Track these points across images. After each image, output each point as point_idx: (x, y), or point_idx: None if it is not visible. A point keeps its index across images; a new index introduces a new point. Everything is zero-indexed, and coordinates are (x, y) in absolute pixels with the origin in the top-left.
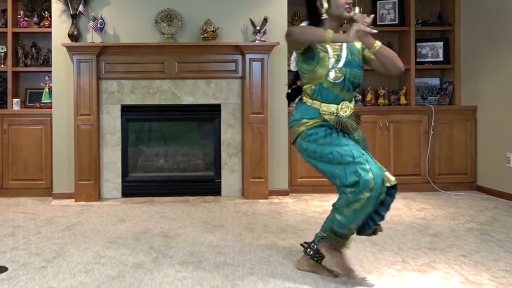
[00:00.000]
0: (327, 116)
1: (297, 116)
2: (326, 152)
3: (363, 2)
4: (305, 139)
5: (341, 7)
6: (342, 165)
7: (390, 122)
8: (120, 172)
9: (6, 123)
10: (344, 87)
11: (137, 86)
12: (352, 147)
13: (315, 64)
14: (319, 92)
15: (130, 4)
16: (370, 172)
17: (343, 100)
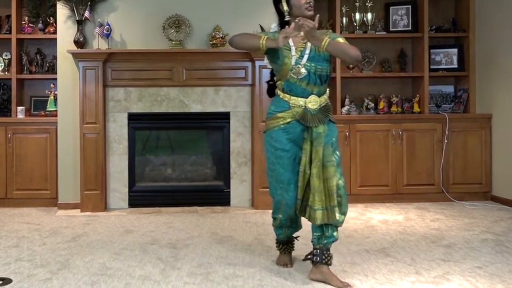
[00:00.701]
0: (296, 108)
1: (271, 109)
2: (271, 161)
3: (375, 8)
4: (268, 138)
5: (301, 7)
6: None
7: (403, 131)
8: (126, 182)
9: (10, 131)
10: (310, 81)
11: (144, 94)
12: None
13: (280, 63)
14: (288, 86)
15: (138, 10)
16: (283, 201)
17: (312, 94)
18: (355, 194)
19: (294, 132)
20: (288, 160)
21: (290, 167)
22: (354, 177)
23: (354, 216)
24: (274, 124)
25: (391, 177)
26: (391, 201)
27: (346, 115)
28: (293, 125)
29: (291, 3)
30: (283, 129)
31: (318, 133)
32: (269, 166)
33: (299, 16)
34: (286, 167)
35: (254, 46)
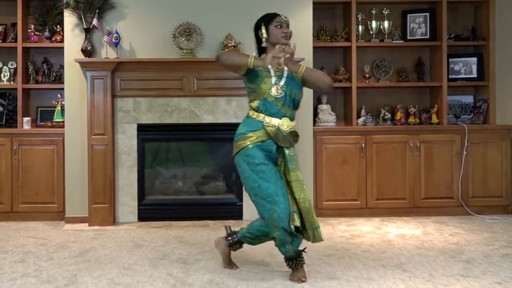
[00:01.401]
0: (269, 128)
1: (243, 130)
2: (252, 179)
3: (392, 16)
4: (243, 157)
5: (278, 35)
6: (259, 197)
7: (421, 142)
8: (136, 195)
9: (16, 143)
10: (285, 103)
11: (154, 104)
12: (272, 186)
13: (259, 82)
14: (264, 106)
15: (147, 18)
16: (275, 214)
17: (285, 116)
18: (371, 208)
19: (270, 149)
20: (270, 172)
21: (274, 179)
22: (370, 190)
23: (370, 230)
24: (247, 143)
25: (408, 190)
26: (409, 214)
27: (362, 126)
28: (269, 143)
29: (269, 31)
30: (259, 146)
31: (291, 155)
32: (250, 186)
33: (276, 44)
34: (270, 179)
35: (242, 64)
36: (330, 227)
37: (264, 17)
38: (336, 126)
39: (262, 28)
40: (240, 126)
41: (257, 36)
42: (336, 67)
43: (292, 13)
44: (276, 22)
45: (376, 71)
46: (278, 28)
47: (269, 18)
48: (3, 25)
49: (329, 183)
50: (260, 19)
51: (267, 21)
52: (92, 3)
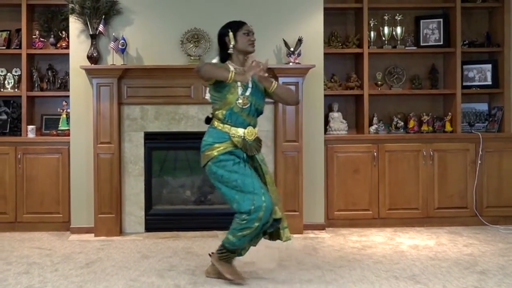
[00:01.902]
0: (236, 139)
1: (210, 141)
2: (233, 179)
3: (405, 22)
4: (216, 163)
5: (245, 43)
6: (242, 193)
7: (434, 151)
8: (143, 205)
9: (20, 152)
10: (250, 113)
11: (161, 112)
12: (254, 180)
13: (225, 92)
14: (230, 116)
15: (154, 24)
16: (264, 205)
17: (249, 125)
18: (384, 218)
19: (240, 156)
20: (248, 170)
21: (252, 173)
22: (382, 200)
23: (383, 241)
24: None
25: (421, 200)
26: (422, 225)
27: (374, 135)
28: (238, 152)
29: (237, 38)
30: (229, 152)
31: (261, 159)
32: (232, 185)
33: (242, 51)
34: (249, 174)
35: (222, 78)
36: (341, 237)
37: (231, 25)
38: (347, 135)
39: (230, 34)
40: (206, 137)
41: (221, 42)
42: (347, 74)
43: (303, 18)
44: (244, 30)
45: (389, 78)
46: (246, 35)
47: (236, 26)
48: (7, 31)
49: (340, 193)
50: (227, 26)
51: (235, 28)
52: (98, 8)
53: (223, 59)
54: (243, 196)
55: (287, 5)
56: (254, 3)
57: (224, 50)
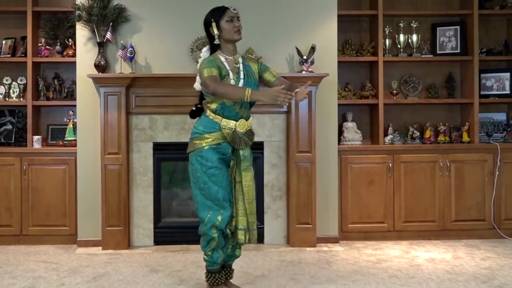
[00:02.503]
0: (226, 131)
1: (200, 129)
2: (203, 180)
3: (421, 29)
4: (198, 156)
5: (231, 31)
6: (205, 198)
7: (451, 162)
8: (152, 217)
9: (26, 162)
10: (243, 105)
11: (171, 122)
12: (222, 191)
13: None
14: (222, 109)
15: (163, 31)
16: (220, 216)
17: (241, 118)
18: (399, 231)
19: (226, 152)
20: (222, 177)
21: (224, 184)
22: (398, 212)
23: (398, 255)
24: (203, 144)
25: (438, 212)
26: (438, 238)
27: (389, 145)
28: (224, 146)
29: (221, 27)
30: (214, 149)
31: (244, 156)
32: (200, 186)
33: (228, 40)
34: (221, 184)
35: (239, 99)
36: (355, 251)
37: (212, 13)
38: (362, 145)
39: (213, 25)
40: (197, 124)
41: (208, 33)
42: (362, 83)
43: (316, 26)
44: (227, 17)
45: (404, 87)
46: (230, 22)
47: (218, 14)
48: (12, 39)
49: (354, 205)
50: (209, 15)
51: (217, 17)
52: (106, 15)
53: (213, 50)
54: (204, 201)
55: (300, 12)
56: (266, 10)
57: (211, 41)
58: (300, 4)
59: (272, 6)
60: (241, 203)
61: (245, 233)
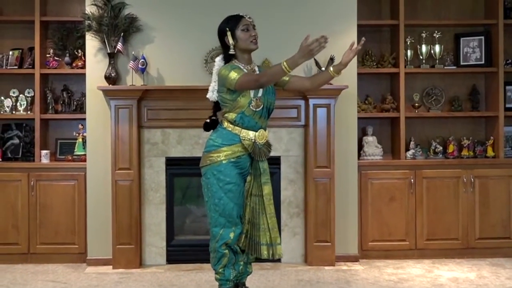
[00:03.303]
0: (246, 142)
1: (218, 142)
2: (218, 196)
3: (444, 39)
4: (215, 170)
5: (247, 40)
6: (218, 214)
7: (475, 177)
8: (164, 235)
9: (33, 178)
10: (262, 115)
11: (184, 136)
12: (237, 208)
13: (237, 94)
14: (241, 119)
15: (176, 42)
16: (232, 233)
17: (261, 128)
18: (421, 249)
19: (244, 166)
20: (238, 194)
21: (239, 201)
22: (420, 230)
23: (420, 274)
24: (221, 157)
25: (461, 230)
26: (462, 256)
27: (411, 160)
28: (244, 159)
29: (236, 37)
30: (234, 163)
31: (264, 168)
32: (214, 202)
33: (244, 49)
34: (236, 201)
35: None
36: (376, 270)
37: (227, 21)
38: (382, 160)
39: (228, 34)
40: (213, 136)
41: (223, 42)
42: (382, 95)
43: (335, 36)
44: (243, 26)
45: (426, 100)
46: (245, 31)
47: (233, 22)
48: (19, 50)
49: (375, 222)
50: (224, 23)
51: (232, 26)
52: (117, 25)
53: (227, 60)
54: (218, 217)
55: (318, 21)
56: (283, 20)
57: (227, 49)
58: (318, 13)
59: (289, 16)
60: (263, 218)
61: (268, 248)
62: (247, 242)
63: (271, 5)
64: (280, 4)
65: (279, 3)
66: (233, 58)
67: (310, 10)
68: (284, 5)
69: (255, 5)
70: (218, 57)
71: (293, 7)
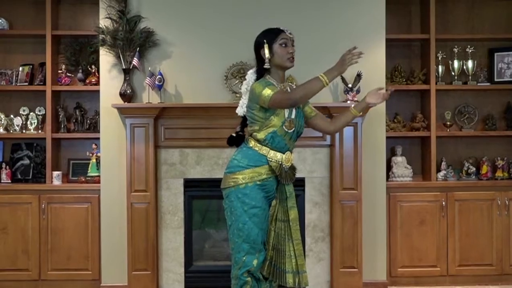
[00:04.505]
0: (273, 163)
1: (243, 163)
2: (242, 220)
3: (477, 54)
4: (238, 194)
5: (283, 57)
6: (242, 239)
7: (510, 200)
8: (182, 261)
9: (44, 201)
10: (292, 137)
11: (203, 156)
12: (261, 233)
13: (271, 113)
14: (272, 139)
15: (195, 57)
16: (255, 260)
17: (288, 150)
18: (453, 275)
19: (271, 189)
20: (264, 218)
21: (264, 226)
22: (452, 255)
23: None
24: (246, 180)
25: (495, 255)
26: (496, 283)
27: (442, 182)
28: (271, 182)
29: (273, 51)
30: (260, 186)
31: (290, 192)
32: (238, 227)
33: (279, 66)
34: (261, 226)
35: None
36: None
37: (266, 34)
38: (412, 182)
39: (265, 47)
40: (238, 156)
41: (258, 55)
42: (412, 113)
43: (362, 51)
44: (281, 40)
45: (459, 118)
46: (283, 47)
47: (272, 35)
48: (29, 65)
49: (404, 247)
50: (262, 35)
51: (270, 39)
52: (132, 40)
53: (260, 74)
54: (241, 243)
55: (344, 36)
56: (308, 33)
57: (260, 64)
58: (345, 27)
59: (314, 31)
60: (289, 244)
61: (294, 276)
62: (271, 269)
63: (296, 20)
64: (306, 19)
65: (304, 17)
66: (267, 73)
67: (337, 24)
68: (310, 19)
69: (279, 20)
70: (250, 70)
71: (319, 21)
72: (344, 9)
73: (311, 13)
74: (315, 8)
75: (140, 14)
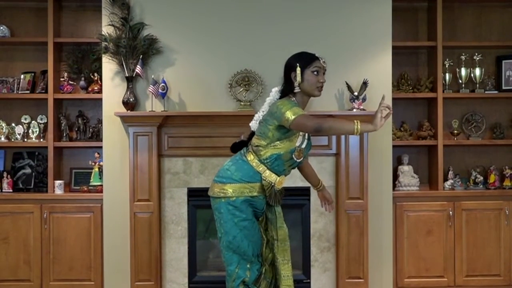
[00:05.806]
0: (265, 183)
1: (237, 176)
2: (233, 232)
3: (485, 62)
4: (228, 206)
5: (313, 85)
6: (232, 251)
7: None
8: (186, 271)
9: (46, 210)
10: (293, 164)
11: (207, 165)
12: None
13: (286, 136)
14: (274, 160)
15: (199, 65)
16: (248, 271)
17: (283, 174)
18: (460, 286)
19: (259, 207)
20: (254, 230)
21: (255, 238)
22: (459, 265)
23: None
24: (237, 193)
25: (503, 265)
26: None
27: (449, 191)
28: (260, 201)
29: (304, 76)
30: (249, 201)
31: (278, 212)
32: (228, 239)
33: (307, 92)
34: (251, 238)
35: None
36: None
37: (301, 58)
38: (419, 191)
39: (297, 70)
40: (232, 168)
41: (287, 75)
42: (419, 121)
43: (368, 59)
44: (314, 67)
45: (466, 127)
46: (315, 75)
47: (307, 61)
48: (31, 73)
49: (411, 257)
50: (296, 58)
51: (304, 64)
52: (135, 47)
53: (284, 94)
54: (231, 255)
55: (350, 44)
56: (312, 41)
57: (288, 86)
58: (350, 35)
59: (321, 39)
60: (282, 265)
61: None
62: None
63: (302, 29)
64: (312, 27)
65: (310, 26)
66: (291, 94)
67: (343, 31)
68: (316, 28)
69: (285, 28)
70: (275, 88)
71: (325, 29)
72: (350, 17)
73: (317, 22)
74: (322, 16)
75: (143, 21)
